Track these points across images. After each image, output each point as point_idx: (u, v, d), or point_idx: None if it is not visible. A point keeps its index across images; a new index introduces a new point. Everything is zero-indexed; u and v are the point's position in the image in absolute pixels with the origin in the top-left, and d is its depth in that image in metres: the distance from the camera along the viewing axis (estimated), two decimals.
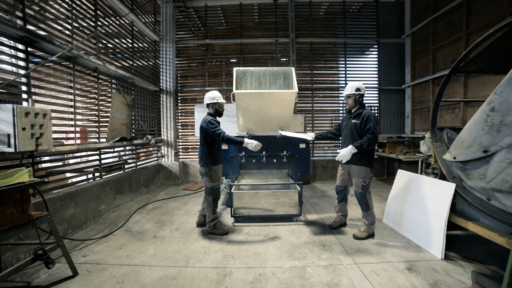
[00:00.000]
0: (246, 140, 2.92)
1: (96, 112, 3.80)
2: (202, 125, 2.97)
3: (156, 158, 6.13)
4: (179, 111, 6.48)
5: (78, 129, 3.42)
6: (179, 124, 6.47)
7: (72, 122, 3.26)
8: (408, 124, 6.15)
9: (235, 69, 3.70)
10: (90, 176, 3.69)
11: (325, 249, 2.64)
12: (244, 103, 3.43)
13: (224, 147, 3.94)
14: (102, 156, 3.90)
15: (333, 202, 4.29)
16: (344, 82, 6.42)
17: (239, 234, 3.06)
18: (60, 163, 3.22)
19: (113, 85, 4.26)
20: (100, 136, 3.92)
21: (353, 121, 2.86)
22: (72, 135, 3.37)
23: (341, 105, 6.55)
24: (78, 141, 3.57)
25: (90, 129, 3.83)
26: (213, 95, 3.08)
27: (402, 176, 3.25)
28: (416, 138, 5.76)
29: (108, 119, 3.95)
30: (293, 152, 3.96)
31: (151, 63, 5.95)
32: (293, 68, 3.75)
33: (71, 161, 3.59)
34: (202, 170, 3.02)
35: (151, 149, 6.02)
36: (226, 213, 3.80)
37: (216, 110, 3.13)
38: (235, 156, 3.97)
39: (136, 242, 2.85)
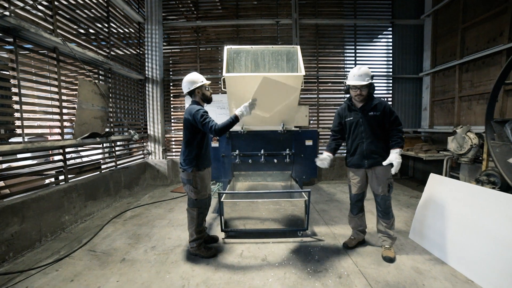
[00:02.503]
0: (238, 112, 2.28)
1: (58, 103, 3.10)
2: (187, 117, 2.30)
3: (142, 156, 5.47)
4: (172, 103, 5.78)
5: (33, 123, 2.75)
6: (173, 118, 5.78)
7: (17, 115, 2.58)
8: (425, 117, 5.46)
9: (226, 47, 2.99)
10: (57, 180, 3.04)
11: (343, 283, 2.00)
12: (237, 90, 2.75)
13: (214, 144, 3.28)
14: (83, 154, 3.23)
15: (344, 210, 3.68)
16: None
17: (231, 256, 2.43)
18: (4, 166, 2.56)
19: (87, 72, 3.55)
20: (66, 132, 3.25)
21: (371, 113, 2.27)
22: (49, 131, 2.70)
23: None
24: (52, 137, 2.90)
25: (48, 123, 3.14)
26: (193, 78, 2.39)
27: (437, 182, 2.59)
28: (435, 133, 5.08)
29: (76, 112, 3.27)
30: (297, 150, 3.30)
31: (134, 48, 5.21)
32: (298, 47, 3.04)
33: (23, 163, 2.91)
34: (184, 177, 2.36)
35: (135, 146, 5.35)
36: (216, 223, 3.16)
37: (204, 96, 2.45)
38: (227, 156, 3.31)
39: (97, 269, 2.21)
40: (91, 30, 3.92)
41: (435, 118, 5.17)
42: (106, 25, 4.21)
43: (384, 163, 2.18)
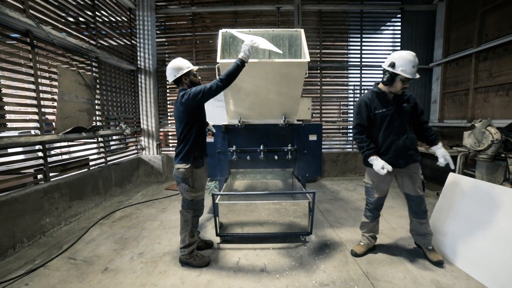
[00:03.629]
0: (242, 55, 1.97)
1: (34, 94, 2.80)
2: (178, 106, 2.05)
3: (135, 152, 5.19)
4: (168, 98, 5.46)
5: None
6: (170, 111, 5.48)
7: None
8: (435, 110, 5.14)
9: (221, 31, 2.66)
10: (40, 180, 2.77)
11: None
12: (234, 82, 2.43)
13: (209, 139, 2.98)
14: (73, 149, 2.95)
15: (350, 210, 3.42)
16: (359, 59, 5.34)
17: (226, 265, 2.17)
18: None
19: (69, 60, 3.22)
20: (49, 126, 2.95)
21: (405, 105, 2.02)
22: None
23: (352, 88, 5.51)
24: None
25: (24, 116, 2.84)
26: (179, 64, 2.10)
27: (457, 183, 2.30)
28: (445, 128, 4.78)
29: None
30: (300, 146, 3.01)
31: (125, 36, 4.86)
32: (302, 30, 2.71)
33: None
34: (178, 174, 2.07)
35: (129, 140, 5.06)
36: (211, 226, 2.91)
37: (192, 83, 2.16)
38: (223, 152, 3.03)
39: (74, 281, 1.96)
40: (73, 14, 3.57)
41: (445, 111, 4.86)
42: (92, 9, 3.86)
43: (441, 161, 1.97)
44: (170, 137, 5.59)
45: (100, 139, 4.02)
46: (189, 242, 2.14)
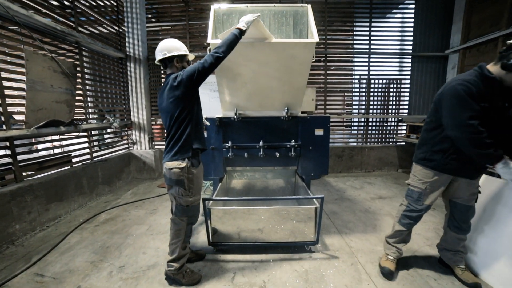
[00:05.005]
0: (241, 24, 1.75)
1: None
2: (169, 92, 1.69)
3: (126, 146, 4.84)
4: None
5: None
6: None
7: None
8: None
9: (213, 7, 2.25)
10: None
11: None
12: (228, 61, 2.04)
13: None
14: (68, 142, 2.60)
15: (358, 212, 3.09)
16: (367, 46, 4.90)
17: (219, 283, 1.86)
18: None
19: (39, 43, 2.81)
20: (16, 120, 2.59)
21: (506, 104, 1.50)
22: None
23: (358, 77, 5.09)
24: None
25: None
26: (176, 44, 1.79)
27: (490, 185, 1.95)
28: None
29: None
30: (305, 141, 2.65)
31: (111, 19, 4.41)
32: (308, 6, 2.30)
33: None
34: (171, 176, 1.71)
35: (117, 135, 4.70)
36: (204, 231, 2.58)
37: (184, 68, 1.80)
38: (218, 148, 2.67)
39: None
40: None
41: None
42: None
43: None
44: (165, 131, 5.23)
45: (84, 133, 3.66)
46: (179, 255, 1.82)
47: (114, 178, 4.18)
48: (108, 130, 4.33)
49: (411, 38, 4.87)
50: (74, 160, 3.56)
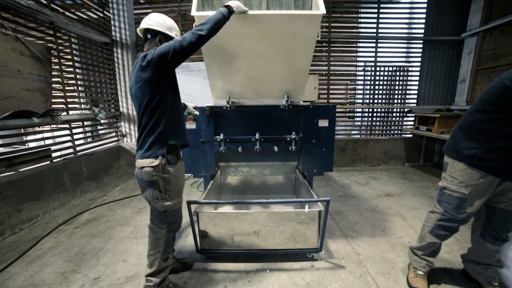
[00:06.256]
0: (234, 3, 1.54)
1: None
2: (137, 75, 1.38)
3: (116, 139, 4.53)
4: None
5: None
6: None
7: None
8: (462, 91, 4.40)
9: None
10: None
11: None
12: (219, 41, 1.70)
13: (190, 125, 2.31)
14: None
15: (365, 211, 2.81)
16: (375, 30, 4.50)
17: None
18: None
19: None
20: None
21: None
22: None
23: (363, 64, 4.71)
24: None
25: None
26: (169, 23, 1.54)
27: None
28: None
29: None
30: (307, 133, 2.34)
31: (95, 3, 4.00)
32: None
33: None
34: (143, 176, 1.44)
35: (103, 126, 4.38)
36: (191, 234, 2.31)
37: None
38: (208, 141, 2.36)
39: None
40: None
41: (477, 92, 4.11)
42: None
43: None
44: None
45: (65, 125, 3.34)
46: (158, 268, 1.54)
47: (101, 174, 3.90)
48: (88, 123, 4.01)
49: (423, 21, 4.47)
50: (55, 154, 3.27)
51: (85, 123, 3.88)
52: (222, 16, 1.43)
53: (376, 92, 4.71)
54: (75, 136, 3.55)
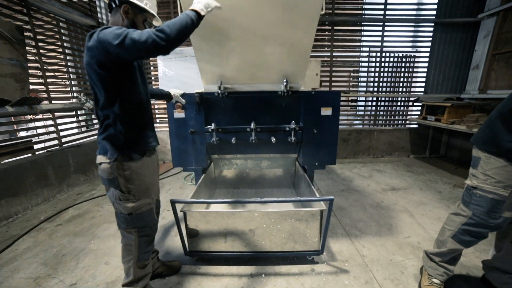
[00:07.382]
0: (199, 6, 1.17)
1: None
2: (89, 56, 1.09)
3: None
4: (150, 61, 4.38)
5: None
6: (153, 77, 4.44)
7: None
8: (474, 78, 4.10)
9: None
10: None
11: None
12: (209, 17, 1.43)
13: (178, 114, 2.07)
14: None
15: (369, 207, 2.60)
16: (382, 12, 4.16)
17: None
18: None
19: None
20: None
21: None
22: None
23: (368, 50, 4.39)
24: None
25: None
26: None
27: None
28: (489, 101, 3.79)
29: None
30: (308, 123, 2.10)
31: None
32: None
33: None
34: (102, 174, 1.23)
35: (91, 116, 4.13)
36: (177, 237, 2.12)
37: (134, 22, 1.24)
38: (199, 132, 2.13)
39: None
40: None
41: (492, 79, 3.83)
42: None
43: None
44: (156, 111, 4.63)
45: (48, 115, 3.10)
46: (135, 277, 1.35)
47: (91, 166, 3.69)
48: (76, 112, 3.77)
49: (435, 1, 4.12)
50: (37, 146, 3.05)
51: (74, 112, 3.63)
52: (190, 22, 1.10)
53: (382, 79, 4.43)
54: (61, 127, 3.32)
